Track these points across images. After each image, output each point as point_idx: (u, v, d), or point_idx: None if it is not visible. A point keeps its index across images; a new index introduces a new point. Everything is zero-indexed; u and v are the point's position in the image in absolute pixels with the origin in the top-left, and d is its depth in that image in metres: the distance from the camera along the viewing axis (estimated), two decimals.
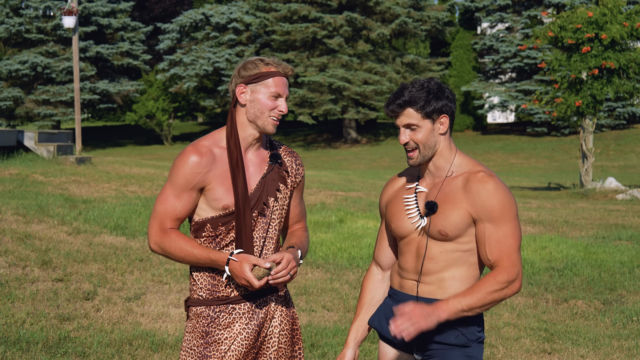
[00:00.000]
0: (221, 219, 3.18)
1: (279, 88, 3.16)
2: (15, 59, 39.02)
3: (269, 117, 3.18)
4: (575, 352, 6.18)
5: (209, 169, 3.17)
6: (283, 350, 3.28)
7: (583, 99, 17.93)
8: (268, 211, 3.22)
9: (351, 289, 7.75)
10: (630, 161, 31.33)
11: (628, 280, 8.45)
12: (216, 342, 3.19)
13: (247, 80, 3.17)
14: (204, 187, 3.18)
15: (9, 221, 8.96)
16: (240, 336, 3.20)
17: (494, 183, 3.00)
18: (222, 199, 3.17)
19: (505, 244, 2.99)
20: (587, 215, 12.73)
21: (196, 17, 42.49)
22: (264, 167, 3.26)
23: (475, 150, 35.84)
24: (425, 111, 3.01)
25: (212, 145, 3.21)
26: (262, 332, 3.25)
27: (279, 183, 3.26)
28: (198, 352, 3.19)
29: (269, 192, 3.23)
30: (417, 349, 3.13)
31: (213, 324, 3.20)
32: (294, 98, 38.79)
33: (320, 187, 15.34)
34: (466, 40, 43.70)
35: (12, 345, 5.59)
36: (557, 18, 18.44)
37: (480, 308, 2.95)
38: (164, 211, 3.19)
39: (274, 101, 3.17)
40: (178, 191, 3.18)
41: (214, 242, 3.20)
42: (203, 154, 3.17)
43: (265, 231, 3.22)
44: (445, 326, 3.05)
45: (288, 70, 3.20)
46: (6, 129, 16.31)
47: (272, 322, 3.27)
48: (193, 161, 3.16)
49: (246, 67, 3.19)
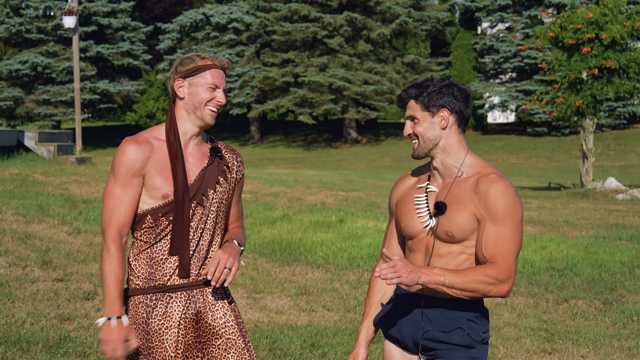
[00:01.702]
0: (161, 209, 3.23)
1: (215, 80, 3.27)
2: (16, 59, 39.03)
3: (207, 109, 3.28)
4: (576, 352, 6.18)
5: (147, 156, 3.24)
6: (233, 342, 3.29)
7: (583, 99, 17.92)
8: (207, 202, 3.28)
9: (351, 289, 7.75)
10: (631, 161, 31.33)
11: (628, 280, 8.45)
12: (157, 332, 3.22)
13: (185, 75, 3.27)
14: (144, 175, 3.25)
15: (9, 221, 8.96)
16: (180, 326, 3.24)
17: (504, 185, 3.00)
18: (161, 188, 3.23)
19: (503, 245, 2.97)
20: (587, 215, 12.72)
21: (196, 17, 42.49)
22: (204, 160, 3.33)
23: (476, 150, 35.83)
24: (423, 103, 3.05)
25: (150, 137, 3.30)
26: (203, 322, 3.27)
27: (219, 176, 3.33)
28: (142, 344, 3.24)
29: (208, 183, 3.29)
30: (422, 350, 3.13)
31: (152, 313, 3.24)
32: (294, 98, 38.81)
33: (321, 187, 15.34)
34: (466, 40, 43.71)
35: (13, 345, 5.59)
36: (558, 18, 18.44)
37: (460, 291, 2.94)
38: (112, 207, 3.22)
39: (212, 92, 3.27)
40: (122, 181, 3.23)
41: (154, 233, 3.25)
42: (140, 143, 3.26)
43: (203, 222, 3.27)
44: (451, 325, 3.05)
45: (224, 63, 3.31)
46: (6, 129, 16.31)
47: (215, 313, 3.29)
48: (131, 149, 3.24)
49: (183, 62, 3.29)
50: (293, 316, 6.92)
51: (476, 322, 3.07)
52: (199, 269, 3.26)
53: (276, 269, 8.30)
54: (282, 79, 39.28)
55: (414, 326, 3.11)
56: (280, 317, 6.85)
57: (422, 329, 3.09)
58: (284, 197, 13.26)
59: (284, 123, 51.77)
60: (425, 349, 3.12)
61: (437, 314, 3.07)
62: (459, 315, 3.05)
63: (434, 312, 3.07)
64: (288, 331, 6.38)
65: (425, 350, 3.12)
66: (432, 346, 3.10)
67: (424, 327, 3.08)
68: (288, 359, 5.78)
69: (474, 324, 3.07)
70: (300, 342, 6.11)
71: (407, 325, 3.13)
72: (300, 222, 10.83)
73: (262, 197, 13.08)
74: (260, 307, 7.10)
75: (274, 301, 7.27)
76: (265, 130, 46.64)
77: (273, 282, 7.83)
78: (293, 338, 6.18)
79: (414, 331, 3.11)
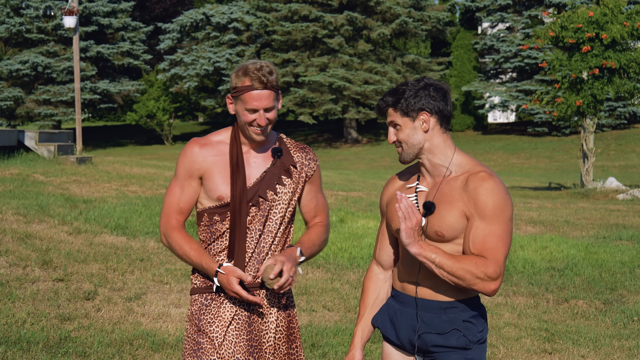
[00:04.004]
0: (217, 209, 3.26)
1: (253, 103, 3.18)
2: (16, 59, 39.04)
3: (251, 129, 3.24)
4: (576, 352, 6.18)
5: (204, 158, 3.27)
6: (278, 347, 3.30)
7: (584, 99, 17.92)
8: (265, 204, 3.26)
9: (352, 289, 7.75)
10: (631, 161, 31.32)
11: (629, 280, 8.45)
12: (207, 330, 3.25)
13: (232, 93, 3.25)
14: (202, 176, 3.28)
15: (10, 221, 8.96)
16: (231, 326, 3.25)
17: (493, 183, 2.97)
18: (217, 190, 3.25)
19: (490, 242, 2.93)
20: (587, 215, 12.72)
21: (197, 17, 42.49)
22: (268, 161, 3.32)
23: (476, 150, 35.84)
24: (402, 110, 3.03)
25: (215, 140, 3.32)
26: (255, 325, 3.27)
27: (282, 176, 3.30)
28: (193, 340, 3.27)
29: (268, 185, 3.27)
30: (418, 351, 3.12)
31: (205, 311, 3.27)
32: (294, 98, 38.82)
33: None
34: (467, 40, 43.69)
35: (13, 345, 5.59)
36: (558, 18, 18.44)
37: (447, 274, 2.91)
38: (169, 203, 3.33)
39: (251, 115, 3.21)
40: (180, 181, 3.31)
41: (210, 232, 3.29)
42: (202, 145, 3.30)
43: (262, 224, 3.26)
44: (446, 327, 3.04)
45: (265, 81, 3.17)
46: (7, 129, 16.31)
47: (269, 317, 3.29)
48: (191, 151, 3.30)
49: (235, 74, 3.23)
50: None
51: (472, 322, 3.06)
52: (256, 271, 3.26)
53: None
54: (283, 79, 39.28)
55: (410, 328, 3.11)
56: None
57: (417, 331, 3.08)
58: None
59: (285, 123, 51.77)
60: (423, 351, 3.11)
61: (432, 316, 3.05)
62: (455, 317, 3.04)
63: (429, 315, 3.06)
64: None
65: (422, 352, 3.12)
66: (429, 349, 3.09)
67: (419, 329, 3.07)
68: None
69: (470, 324, 3.05)
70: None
71: (403, 327, 3.13)
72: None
73: None
74: None
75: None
76: None
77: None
78: None
79: (411, 333, 3.11)
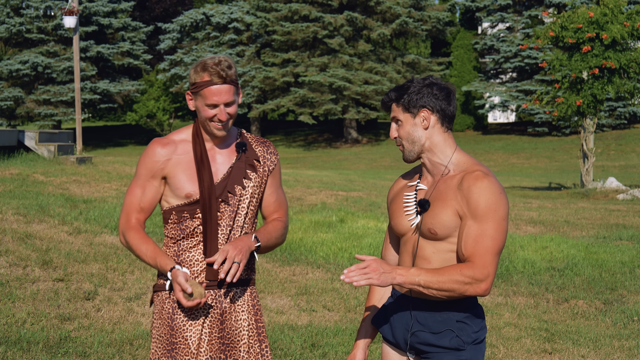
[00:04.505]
0: (185, 207, 3.25)
1: (213, 98, 3.16)
2: (16, 59, 39.03)
3: (212, 124, 3.22)
4: (576, 352, 6.18)
5: (168, 158, 3.25)
6: (251, 345, 3.30)
7: (584, 99, 17.92)
8: (234, 199, 3.26)
9: (352, 289, 7.75)
10: (631, 161, 31.32)
11: (629, 280, 8.45)
12: (181, 329, 3.23)
13: (191, 89, 3.22)
14: (166, 176, 3.27)
15: (10, 221, 8.96)
16: (205, 324, 3.24)
17: (487, 182, 2.97)
18: (183, 188, 3.24)
19: (482, 243, 2.93)
20: (587, 215, 12.72)
21: (197, 17, 42.49)
22: (232, 156, 3.31)
23: (476, 150, 35.84)
24: (404, 105, 3.05)
25: (177, 138, 3.30)
26: (228, 323, 3.27)
27: (247, 171, 3.30)
28: (166, 340, 3.25)
29: (235, 180, 3.27)
30: (411, 350, 3.12)
31: (177, 309, 3.25)
32: (294, 98, 38.81)
33: (321, 187, 15.33)
34: (467, 40, 43.69)
35: (13, 345, 5.59)
36: (558, 18, 18.44)
37: (437, 291, 2.91)
38: (129, 202, 3.30)
39: (212, 110, 3.19)
40: (141, 181, 3.29)
41: (179, 229, 3.26)
42: (164, 145, 3.28)
43: (231, 219, 3.25)
44: (440, 327, 3.04)
45: (224, 75, 3.14)
46: (7, 129, 16.30)
47: (241, 314, 3.29)
48: (153, 151, 3.27)
49: (193, 70, 3.20)
50: (293, 316, 6.92)
51: (467, 322, 3.04)
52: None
53: (276, 269, 8.30)
54: (283, 79, 39.28)
55: (404, 328, 3.11)
56: (281, 317, 6.85)
57: (410, 330, 3.08)
58: None
59: (285, 123, 51.77)
60: (418, 351, 3.11)
61: (426, 315, 3.05)
62: (449, 317, 3.03)
63: (423, 314, 3.06)
64: (288, 331, 6.38)
65: (417, 352, 3.12)
66: (422, 348, 3.09)
67: (412, 328, 3.07)
68: (288, 359, 5.78)
69: (464, 324, 3.04)
70: (300, 342, 6.11)
71: (399, 327, 3.13)
72: (300, 222, 10.83)
73: None
74: (261, 307, 7.10)
75: (275, 301, 7.27)
76: (265, 130, 46.65)
77: (273, 282, 7.83)
78: (293, 338, 6.18)
79: (406, 333, 3.11)
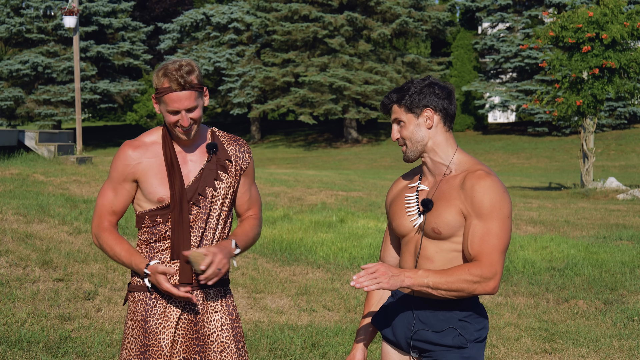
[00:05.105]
0: (158, 211, 3.23)
1: (174, 105, 3.14)
2: (16, 59, 39.03)
3: (176, 129, 3.20)
4: (576, 352, 6.18)
5: (139, 162, 3.24)
6: (226, 345, 3.28)
7: (584, 99, 17.92)
8: (205, 202, 3.24)
9: (352, 289, 7.74)
10: (631, 161, 31.32)
11: (629, 280, 8.45)
12: (154, 332, 3.22)
13: (155, 94, 3.21)
14: (137, 180, 3.25)
15: (10, 221, 8.96)
16: (178, 326, 3.23)
17: (490, 181, 2.98)
18: (156, 192, 3.22)
19: (488, 242, 2.95)
20: (588, 215, 12.72)
21: (197, 17, 42.49)
22: (203, 158, 3.28)
23: (476, 150, 35.84)
24: (406, 105, 3.05)
25: (148, 141, 3.28)
26: (201, 324, 3.26)
27: (219, 172, 3.27)
28: (139, 342, 3.23)
29: (206, 182, 3.25)
30: (414, 350, 3.12)
31: (151, 312, 3.23)
32: (294, 98, 38.82)
33: (321, 187, 15.34)
34: (467, 40, 43.69)
35: (13, 345, 5.59)
36: (558, 18, 18.44)
37: (446, 291, 2.93)
38: (102, 205, 3.29)
39: (173, 116, 3.17)
40: (114, 184, 3.27)
41: (152, 233, 3.25)
42: (135, 147, 3.25)
43: (204, 222, 3.23)
44: (442, 325, 3.05)
45: (183, 82, 3.11)
46: (7, 129, 16.31)
47: (213, 315, 3.28)
48: (124, 154, 3.25)
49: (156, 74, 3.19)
50: (293, 316, 6.92)
51: (469, 321, 3.05)
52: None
53: (277, 269, 8.30)
54: (283, 79, 39.28)
55: (406, 327, 3.12)
56: (281, 317, 6.85)
57: (413, 329, 3.08)
58: (285, 197, 13.26)
59: (285, 123, 51.77)
60: (420, 350, 3.11)
61: (428, 315, 3.06)
62: (451, 315, 3.04)
63: (425, 313, 3.07)
64: (288, 331, 6.38)
65: (419, 351, 3.12)
66: (425, 347, 3.09)
67: (414, 327, 3.08)
68: (289, 359, 5.78)
69: (467, 323, 3.05)
70: (300, 342, 6.11)
71: (400, 326, 3.14)
72: (300, 222, 10.83)
73: (263, 197, 13.08)
74: (261, 307, 7.10)
75: (275, 301, 7.27)
76: (265, 130, 46.65)
77: (273, 282, 7.83)
78: (293, 338, 6.18)
79: (407, 332, 3.11)
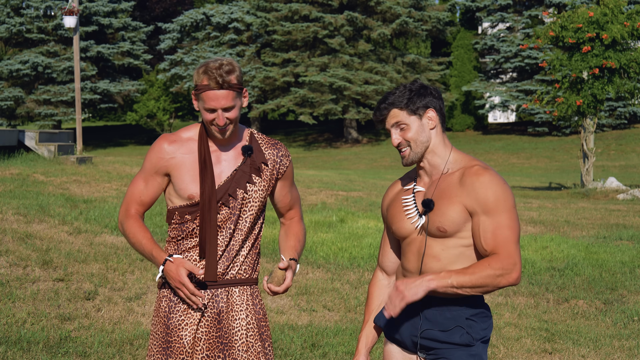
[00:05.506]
0: (188, 208, 3.23)
1: (211, 103, 3.14)
2: (16, 59, 39.03)
3: (212, 128, 3.20)
4: (576, 352, 6.18)
5: (172, 156, 3.24)
6: (251, 344, 3.27)
7: (584, 99, 17.93)
8: (235, 203, 3.23)
9: (352, 289, 7.75)
10: (631, 161, 31.32)
11: (629, 280, 8.45)
12: (177, 328, 3.23)
13: (194, 90, 3.20)
14: (169, 174, 3.25)
15: (10, 221, 8.96)
16: (200, 324, 3.23)
17: (489, 175, 3.00)
18: (187, 189, 3.22)
19: (501, 235, 2.96)
20: (588, 215, 12.72)
21: (197, 16, 42.48)
22: (238, 159, 3.27)
23: (476, 150, 35.84)
24: (409, 108, 3.04)
25: (186, 136, 3.28)
26: (225, 322, 3.25)
27: (252, 175, 3.26)
28: (161, 338, 3.25)
29: (238, 184, 3.24)
30: (422, 349, 3.12)
31: (174, 308, 3.24)
32: (294, 98, 38.82)
33: (321, 187, 15.34)
34: (467, 40, 43.68)
35: (13, 345, 5.59)
36: (558, 18, 18.44)
37: (471, 289, 2.94)
38: (131, 193, 3.31)
39: (210, 114, 3.17)
40: (145, 175, 3.28)
41: (180, 229, 3.25)
42: (171, 142, 3.26)
43: (233, 223, 3.23)
44: (449, 324, 3.05)
45: (221, 82, 3.11)
46: (7, 129, 16.31)
47: (239, 314, 3.27)
48: (159, 147, 3.26)
49: (196, 71, 3.18)
50: (294, 316, 6.92)
51: (475, 320, 3.06)
52: (227, 268, 3.24)
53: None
54: (283, 79, 39.28)
55: (412, 326, 3.12)
56: (281, 317, 6.85)
57: (420, 328, 3.09)
58: None
59: (285, 123, 51.77)
60: (426, 348, 3.12)
61: (435, 313, 3.07)
62: (458, 314, 3.05)
63: (432, 312, 3.07)
64: (289, 331, 6.38)
65: (426, 349, 3.12)
66: (432, 345, 3.10)
67: (421, 326, 3.08)
68: (289, 358, 5.78)
69: (473, 322, 3.06)
70: (300, 342, 6.11)
71: (406, 325, 3.14)
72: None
73: None
74: None
75: (275, 301, 7.27)
76: (266, 130, 46.66)
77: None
78: (294, 338, 6.18)
79: (413, 331, 3.12)
